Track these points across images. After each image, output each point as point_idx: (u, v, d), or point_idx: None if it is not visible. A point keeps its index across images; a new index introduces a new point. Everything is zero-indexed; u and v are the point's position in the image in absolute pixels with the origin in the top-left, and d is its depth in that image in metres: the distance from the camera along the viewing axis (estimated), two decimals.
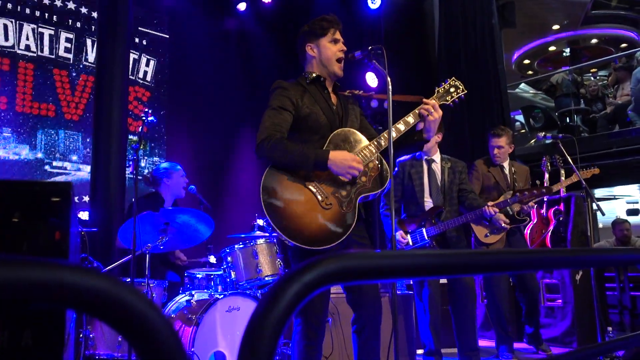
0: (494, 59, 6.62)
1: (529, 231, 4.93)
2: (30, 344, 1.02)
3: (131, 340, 0.45)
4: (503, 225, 3.96)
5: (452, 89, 2.58)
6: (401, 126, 2.43)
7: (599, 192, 9.61)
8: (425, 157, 3.90)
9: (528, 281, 4.29)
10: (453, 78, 2.61)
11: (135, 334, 0.44)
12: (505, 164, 4.31)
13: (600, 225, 10.26)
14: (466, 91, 2.60)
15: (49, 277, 0.43)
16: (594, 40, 11.77)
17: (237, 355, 0.53)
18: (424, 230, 3.71)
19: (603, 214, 3.81)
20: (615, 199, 10.84)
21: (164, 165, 4.14)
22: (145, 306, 0.44)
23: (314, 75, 2.49)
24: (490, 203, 3.68)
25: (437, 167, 3.88)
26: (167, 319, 0.47)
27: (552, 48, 12.12)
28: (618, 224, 6.51)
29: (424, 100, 2.44)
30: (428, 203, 3.81)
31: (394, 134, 2.39)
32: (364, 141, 2.43)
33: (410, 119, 2.44)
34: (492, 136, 4.28)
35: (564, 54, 12.17)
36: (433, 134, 2.47)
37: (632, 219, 8.04)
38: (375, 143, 2.40)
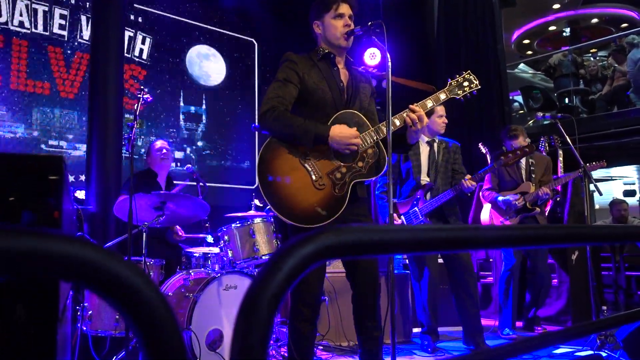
0: (493, 39, 6.56)
1: None
2: (24, 318, 1.01)
3: (121, 308, 0.43)
4: (513, 202, 4.03)
5: (465, 83, 2.52)
6: (384, 128, 2.38)
7: (596, 173, 9.61)
8: (427, 138, 3.90)
9: (538, 265, 4.29)
10: (468, 72, 2.54)
11: (125, 302, 0.43)
12: (523, 159, 4.31)
13: (597, 207, 10.30)
14: (480, 87, 2.54)
15: (39, 246, 0.41)
16: (594, 20, 11.66)
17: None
18: (417, 209, 3.72)
19: (600, 194, 3.81)
20: (612, 180, 10.85)
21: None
22: (134, 275, 0.42)
23: (324, 51, 2.47)
24: (468, 176, 3.67)
25: (435, 147, 3.90)
26: (157, 289, 0.46)
27: (552, 28, 12.01)
28: (616, 204, 6.54)
29: (411, 107, 2.38)
30: (425, 182, 3.82)
31: (384, 129, 2.36)
32: (367, 125, 2.41)
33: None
34: (511, 138, 4.25)
35: (564, 33, 12.06)
36: (417, 140, 2.46)
37: (628, 200, 8.06)
38: (376, 129, 2.37)
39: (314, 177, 2.28)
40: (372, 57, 6.17)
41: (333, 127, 2.28)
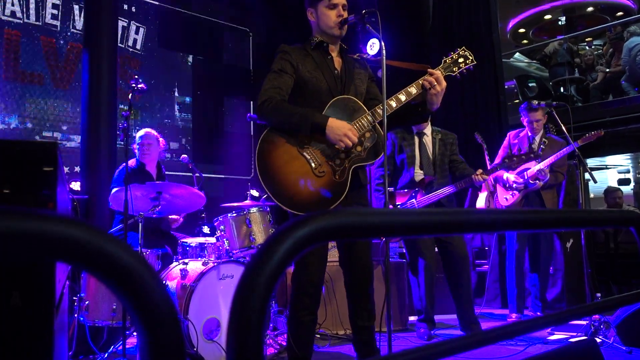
0: (488, 28, 6.54)
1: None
2: (20, 304, 1.01)
3: (118, 290, 0.44)
4: (514, 185, 4.08)
5: (460, 59, 2.52)
6: (402, 96, 2.39)
7: (591, 162, 9.66)
8: (416, 130, 3.89)
9: (541, 249, 4.33)
10: (463, 48, 2.53)
11: (122, 283, 0.43)
12: (537, 137, 4.37)
13: (592, 195, 10.35)
14: (475, 62, 2.52)
15: (37, 227, 0.41)
16: (590, 9, 11.65)
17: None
18: (415, 201, 3.72)
19: (595, 182, 3.83)
20: (607, 168, 10.91)
21: None
22: (132, 257, 0.43)
23: (317, 40, 2.48)
24: (479, 171, 3.69)
25: (428, 139, 3.89)
26: (155, 272, 0.46)
27: (547, 17, 11.99)
28: (611, 192, 6.57)
29: (429, 70, 2.38)
30: (419, 174, 3.82)
31: (394, 104, 2.37)
32: (363, 110, 2.42)
33: (413, 89, 2.39)
34: (530, 110, 4.36)
35: (560, 22, 12.05)
36: (437, 106, 2.41)
37: (623, 189, 8.10)
38: (373, 113, 2.38)
39: (313, 165, 2.29)
40: (371, 47, 6.14)
41: (332, 119, 2.28)
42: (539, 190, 4.25)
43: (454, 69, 2.50)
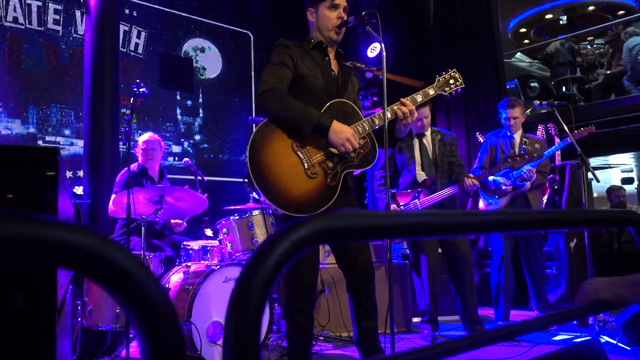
0: (489, 28, 6.54)
1: None
2: (21, 307, 1.02)
3: (119, 296, 0.44)
4: (503, 187, 4.00)
5: (451, 81, 2.58)
6: (376, 120, 2.40)
7: (594, 161, 9.62)
8: (416, 132, 3.89)
9: (530, 252, 4.28)
10: (454, 70, 2.61)
11: (123, 290, 0.44)
12: (517, 135, 4.27)
13: (595, 195, 10.31)
14: (464, 85, 2.62)
15: (37, 233, 0.41)
16: (591, 8, 11.62)
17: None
18: (417, 202, 3.72)
19: (598, 181, 3.81)
20: (610, 167, 10.87)
21: None
22: (131, 262, 0.43)
23: (316, 40, 2.47)
24: (471, 175, 3.69)
25: (427, 140, 3.89)
26: (154, 276, 0.46)
27: (548, 16, 11.97)
28: (614, 190, 6.55)
29: (402, 100, 2.39)
30: (420, 175, 3.83)
31: (376, 121, 2.39)
32: (359, 116, 2.43)
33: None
34: (507, 107, 4.21)
35: (561, 22, 12.03)
36: (405, 134, 2.50)
37: (627, 187, 8.08)
38: (369, 121, 2.39)
39: (306, 165, 2.28)
40: (372, 50, 6.14)
41: (336, 122, 2.27)
42: (525, 191, 4.17)
43: (446, 89, 2.57)
